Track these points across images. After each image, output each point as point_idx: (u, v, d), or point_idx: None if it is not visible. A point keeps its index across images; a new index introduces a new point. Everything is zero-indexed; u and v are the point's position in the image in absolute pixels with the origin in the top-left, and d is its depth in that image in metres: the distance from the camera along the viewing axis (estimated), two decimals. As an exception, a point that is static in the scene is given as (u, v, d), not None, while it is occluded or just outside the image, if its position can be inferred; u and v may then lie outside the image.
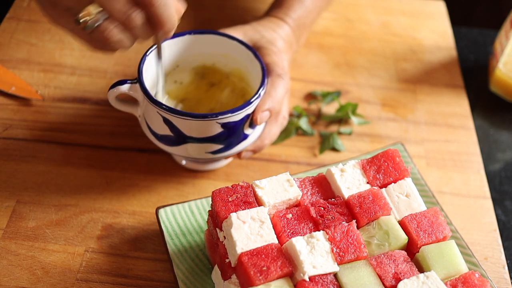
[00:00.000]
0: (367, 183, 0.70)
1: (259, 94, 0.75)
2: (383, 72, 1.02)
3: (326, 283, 0.61)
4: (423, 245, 0.66)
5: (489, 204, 0.85)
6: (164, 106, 0.72)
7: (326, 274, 0.61)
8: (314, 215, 0.66)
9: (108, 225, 0.78)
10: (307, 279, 0.60)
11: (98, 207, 0.79)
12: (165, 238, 0.73)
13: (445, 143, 0.92)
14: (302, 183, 0.69)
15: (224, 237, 0.65)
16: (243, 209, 0.65)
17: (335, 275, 0.62)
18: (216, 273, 0.68)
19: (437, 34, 1.10)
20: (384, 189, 0.70)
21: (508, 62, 0.97)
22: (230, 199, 0.66)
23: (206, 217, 0.76)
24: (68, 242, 0.75)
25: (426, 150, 0.91)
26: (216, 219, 0.66)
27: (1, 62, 0.96)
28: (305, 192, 0.69)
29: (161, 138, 0.76)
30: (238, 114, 0.73)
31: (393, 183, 0.70)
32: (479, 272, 0.63)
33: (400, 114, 0.95)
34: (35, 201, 0.79)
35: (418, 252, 0.65)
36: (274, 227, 0.65)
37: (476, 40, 1.11)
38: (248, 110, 0.74)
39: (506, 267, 0.78)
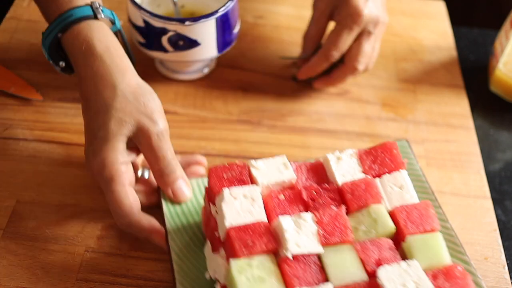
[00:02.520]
0: (362, 172, 0.71)
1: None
2: (383, 72, 1.02)
3: (308, 262, 0.62)
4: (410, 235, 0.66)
5: (489, 204, 0.85)
6: None
7: (309, 254, 0.62)
8: (306, 198, 0.67)
9: (108, 225, 0.77)
10: (290, 257, 0.61)
11: (98, 207, 0.79)
12: (164, 213, 0.74)
13: (445, 143, 0.92)
14: (298, 167, 0.70)
15: (216, 212, 0.66)
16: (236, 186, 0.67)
17: (319, 256, 0.63)
18: (208, 248, 0.69)
19: (437, 34, 1.10)
20: (378, 179, 0.70)
21: (508, 62, 0.97)
22: (225, 176, 0.67)
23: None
24: (68, 242, 0.75)
25: (426, 150, 0.91)
26: (211, 195, 0.68)
27: (1, 62, 0.96)
28: (300, 176, 0.70)
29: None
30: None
31: (387, 174, 0.70)
32: (462, 266, 0.63)
33: (400, 114, 0.95)
34: (35, 201, 0.79)
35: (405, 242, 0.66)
36: (265, 206, 0.66)
37: (476, 40, 1.11)
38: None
39: (506, 267, 0.78)
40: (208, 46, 0.88)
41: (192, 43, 0.87)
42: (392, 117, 0.95)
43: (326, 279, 0.61)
